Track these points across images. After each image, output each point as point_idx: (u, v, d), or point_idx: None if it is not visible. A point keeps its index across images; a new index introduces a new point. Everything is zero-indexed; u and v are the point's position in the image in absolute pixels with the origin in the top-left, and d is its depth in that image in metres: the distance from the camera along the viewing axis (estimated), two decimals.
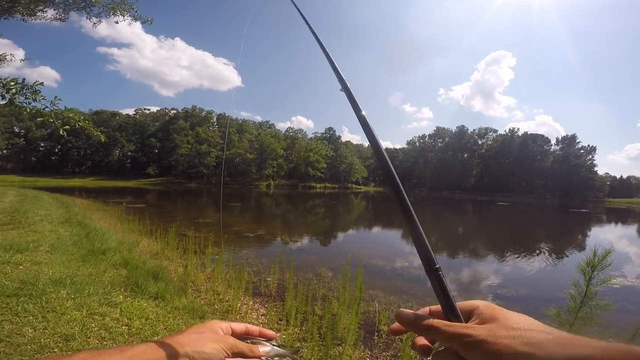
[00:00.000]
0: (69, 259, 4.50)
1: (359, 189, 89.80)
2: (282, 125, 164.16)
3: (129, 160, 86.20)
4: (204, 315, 3.59)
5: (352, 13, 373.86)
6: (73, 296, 3.23)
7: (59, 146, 79.10)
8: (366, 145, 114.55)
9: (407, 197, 0.49)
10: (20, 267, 3.92)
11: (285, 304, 4.23)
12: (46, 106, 3.35)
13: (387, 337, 3.94)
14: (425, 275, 0.45)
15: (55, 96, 3.35)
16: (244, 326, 0.57)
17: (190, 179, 78.26)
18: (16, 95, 3.33)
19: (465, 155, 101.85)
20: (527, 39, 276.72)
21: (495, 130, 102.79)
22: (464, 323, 0.42)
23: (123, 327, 2.86)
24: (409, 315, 0.45)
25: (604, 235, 17.36)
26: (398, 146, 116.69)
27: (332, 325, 3.54)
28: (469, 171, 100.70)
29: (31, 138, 75.13)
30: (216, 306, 4.14)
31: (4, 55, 6.62)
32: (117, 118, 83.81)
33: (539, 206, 46.78)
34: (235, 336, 0.55)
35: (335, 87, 0.67)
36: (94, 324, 2.81)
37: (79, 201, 16.43)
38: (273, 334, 0.58)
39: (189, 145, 79.76)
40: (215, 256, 6.07)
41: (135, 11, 8.04)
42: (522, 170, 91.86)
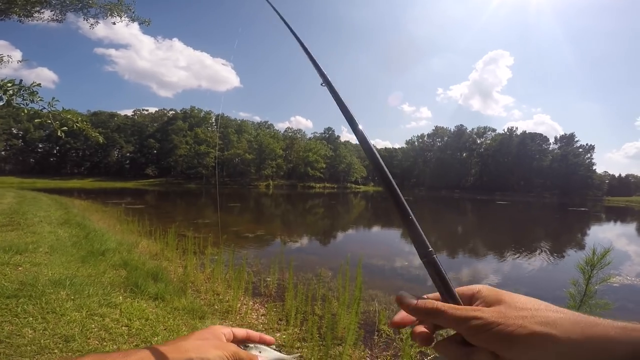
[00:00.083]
0: (69, 260, 4.50)
1: (358, 188, 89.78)
2: (281, 126, 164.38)
3: (127, 161, 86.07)
4: (203, 315, 3.59)
5: (350, 13, 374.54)
6: (73, 297, 3.23)
7: (58, 147, 78.90)
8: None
9: (405, 197, 0.49)
10: (19, 269, 3.91)
11: (285, 304, 4.23)
12: (44, 107, 3.34)
13: (387, 337, 3.95)
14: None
15: (53, 97, 3.34)
16: (245, 332, 0.58)
17: (189, 180, 78.11)
18: (13, 97, 3.32)
19: (464, 154, 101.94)
20: (525, 39, 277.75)
21: (494, 130, 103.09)
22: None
23: (123, 328, 2.86)
24: (410, 299, 0.41)
25: (603, 234, 17.39)
26: (397, 146, 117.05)
27: (332, 325, 3.54)
28: (468, 170, 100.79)
29: (29, 139, 74.95)
30: (216, 306, 4.13)
31: (1, 57, 6.60)
32: (116, 119, 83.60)
33: (538, 205, 46.89)
34: (237, 341, 0.56)
35: (317, 82, 0.65)
36: (93, 325, 2.81)
37: (78, 202, 16.39)
38: (272, 340, 0.60)
39: (188, 146, 79.63)
40: (215, 256, 6.06)
41: (133, 12, 8.03)
42: (521, 169, 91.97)
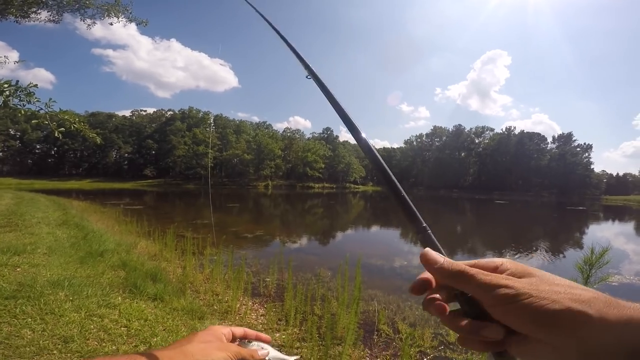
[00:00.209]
0: (67, 261, 4.49)
1: (357, 188, 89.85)
2: (280, 126, 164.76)
3: (126, 162, 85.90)
4: (203, 316, 3.58)
5: (349, 13, 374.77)
6: (71, 298, 3.23)
7: (55, 148, 78.70)
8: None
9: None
10: (17, 270, 3.90)
11: (285, 304, 4.23)
12: (41, 108, 3.34)
13: (387, 336, 3.96)
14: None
15: (50, 98, 3.34)
16: (242, 330, 0.60)
17: (187, 180, 77.98)
18: (10, 98, 3.32)
19: (463, 154, 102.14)
20: (523, 39, 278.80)
21: (492, 129, 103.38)
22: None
23: (122, 329, 2.85)
24: (437, 257, 0.38)
25: (602, 233, 17.44)
26: (395, 145, 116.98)
27: (332, 325, 3.54)
28: (466, 170, 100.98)
29: (27, 140, 74.69)
30: (215, 307, 4.13)
31: None
32: (114, 120, 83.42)
33: (536, 204, 47.02)
34: (235, 339, 0.59)
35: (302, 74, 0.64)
36: (92, 326, 2.80)
37: (76, 203, 16.33)
38: (268, 338, 0.62)
39: (186, 146, 79.51)
40: (214, 257, 6.05)
41: (130, 12, 8.03)
42: (519, 168, 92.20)
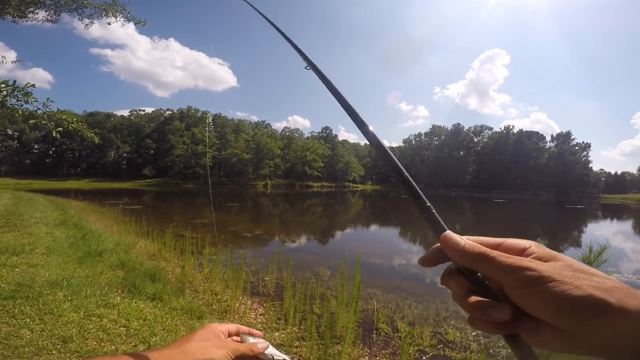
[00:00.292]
0: (66, 261, 4.48)
1: (356, 187, 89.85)
2: (279, 125, 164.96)
3: (124, 162, 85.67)
4: (202, 315, 3.58)
5: (348, 12, 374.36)
6: (70, 298, 3.22)
7: (54, 148, 78.45)
8: (363, 144, 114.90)
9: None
10: (16, 270, 3.89)
11: (284, 303, 4.23)
12: (38, 108, 3.33)
13: (386, 335, 3.97)
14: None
15: (48, 98, 3.33)
16: (235, 327, 0.63)
17: (186, 180, 77.86)
18: (7, 98, 3.31)
19: (461, 153, 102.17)
20: (521, 38, 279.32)
21: (491, 128, 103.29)
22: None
23: (121, 329, 2.85)
24: (459, 240, 0.37)
25: (600, 231, 17.50)
26: (394, 144, 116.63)
27: (331, 323, 3.55)
28: (465, 169, 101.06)
29: (25, 140, 74.43)
30: (214, 306, 4.13)
31: None
32: (112, 119, 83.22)
33: (535, 203, 47.09)
34: (230, 336, 0.61)
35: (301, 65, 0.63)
36: (91, 326, 2.80)
37: (75, 203, 16.31)
38: (260, 334, 0.63)
39: (185, 146, 79.36)
40: (213, 256, 6.05)
41: (128, 12, 8.01)
42: (518, 167, 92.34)
